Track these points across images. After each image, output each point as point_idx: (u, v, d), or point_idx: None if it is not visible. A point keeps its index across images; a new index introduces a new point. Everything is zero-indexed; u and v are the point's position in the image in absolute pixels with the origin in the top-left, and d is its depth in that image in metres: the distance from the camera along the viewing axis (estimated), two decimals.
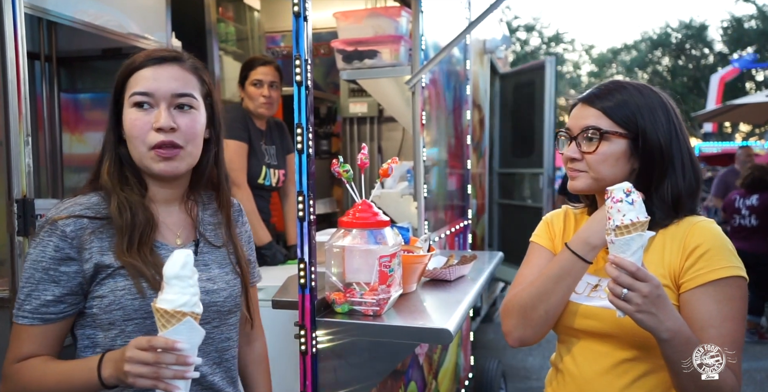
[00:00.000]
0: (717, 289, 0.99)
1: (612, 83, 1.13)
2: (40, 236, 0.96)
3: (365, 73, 2.38)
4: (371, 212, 1.32)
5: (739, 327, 0.99)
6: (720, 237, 1.04)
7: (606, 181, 1.08)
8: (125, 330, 0.97)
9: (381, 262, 1.26)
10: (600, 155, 1.07)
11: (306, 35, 1.23)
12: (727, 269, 1.00)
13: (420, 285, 1.67)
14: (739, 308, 1.00)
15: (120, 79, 1.02)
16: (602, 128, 1.07)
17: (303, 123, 1.23)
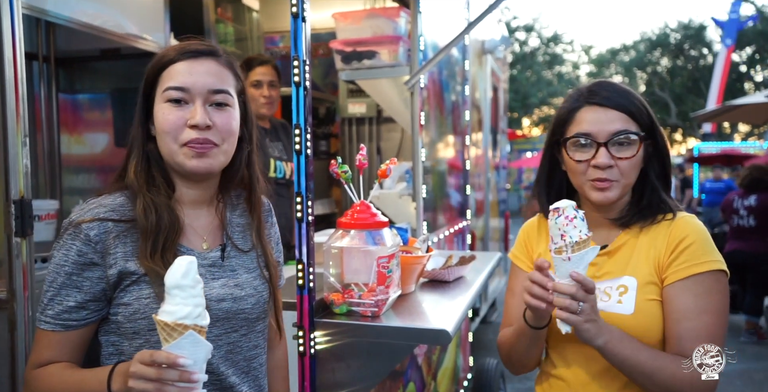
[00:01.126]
0: (696, 283, 0.99)
1: (614, 84, 1.10)
2: (63, 239, 0.92)
3: (364, 74, 2.38)
4: (370, 213, 1.32)
5: (716, 321, 0.99)
6: (702, 231, 1.05)
7: (628, 188, 1.09)
8: (150, 340, 0.93)
9: (379, 263, 1.26)
10: (629, 162, 1.05)
11: (304, 36, 1.23)
12: (707, 263, 1.00)
13: (419, 286, 1.67)
14: (718, 302, 1.00)
15: (152, 72, 0.97)
16: (637, 131, 1.06)
17: (301, 124, 1.23)
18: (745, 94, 18.65)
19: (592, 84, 1.12)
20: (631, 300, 1.03)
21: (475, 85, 3.95)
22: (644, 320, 1.02)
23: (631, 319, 1.02)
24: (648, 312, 1.02)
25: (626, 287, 1.04)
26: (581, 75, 28.07)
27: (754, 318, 4.79)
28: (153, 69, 0.98)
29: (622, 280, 1.05)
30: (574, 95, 1.12)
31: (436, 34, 2.79)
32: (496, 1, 2.12)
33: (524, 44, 25.74)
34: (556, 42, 26.01)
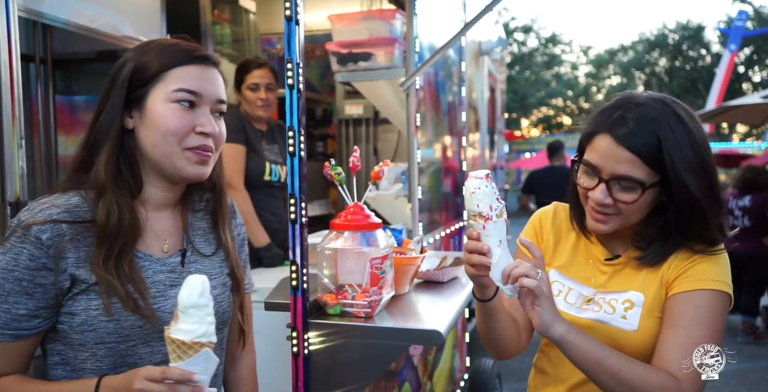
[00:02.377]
0: (700, 296, 0.97)
1: (647, 114, 0.97)
2: (11, 241, 0.85)
3: (360, 76, 2.39)
4: (363, 214, 1.33)
5: (708, 335, 0.95)
6: (720, 258, 1.01)
7: (631, 224, 1.03)
8: (96, 353, 0.89)
9: (372, 264, 1.27)
10: (635, 206, 0.99)
11: (298, 39, 1.24)
12: (715, 282, 0.98)
13: (413, 287, 1.68)
14: (715, 319, 0.96)
15: (155, 66, 0.92)
16: (642, 180, 0.96)
17: (295, 126, 1.24)
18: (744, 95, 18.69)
19: (626, 106, 1.00)
20: (635, 316, 1.01)
21: (471, 87, 3.96)
22: (649, 339, 1.00)
23: (634, 336, 1.01)
24: (654, 330, 1.00)
25: (632, 303, 1.02)
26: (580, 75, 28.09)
27: (750, 319, 4.81)
28: (156, 63, 0.92)
29: (629, 294, 1.03)
30: (606, 113, 1.02)
31: (432, 36, 2.80)
32: (492, 2, 2.13)
33: (523, 45, 25.77)
34: (555, 43, 26.04)
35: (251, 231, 2.24)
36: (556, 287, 1.10)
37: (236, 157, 2.27)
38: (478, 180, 0.96)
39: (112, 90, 0.93)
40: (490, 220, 0.95)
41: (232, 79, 2.42)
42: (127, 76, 0.93)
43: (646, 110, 0.98)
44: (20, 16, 1.59)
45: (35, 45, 2.19)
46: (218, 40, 2.77)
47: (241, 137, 2.29)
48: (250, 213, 2.26)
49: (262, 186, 2.33)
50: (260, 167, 2.32)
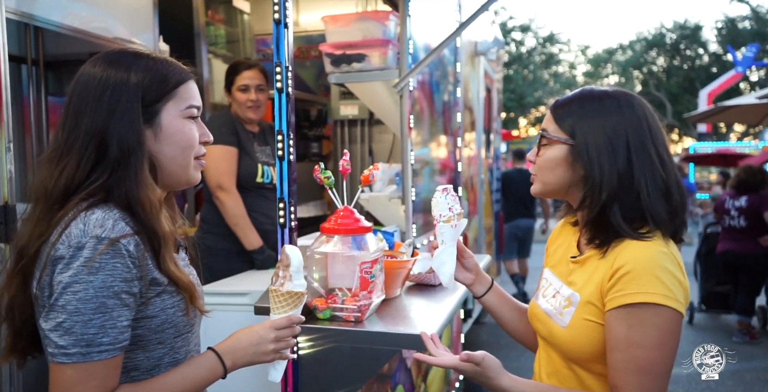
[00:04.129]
0: (630, 313, 0.94)
1: (581, 91, 1.08)
2: (99, 260, 0.85)
3: (353, 77, 2.38)
4: (353, 218, 1.33)
5: (647, 355, 0.93)
6: (646, 261, 0.96)
7: (551, 186, 1.08)
8: (174, 346, 0.97)
9: (362, 268, 1.27)
10: (542, 160, 1.07)
11: (287, 42, 1.23)
12: (643, 294, 0.93)
13: (405, 290, 1.67)
14: (657, 336, 0.93)
15: (171, 84, 0.97)
16: (548, 132, 1.06)
17: (284, 130, 1.23)
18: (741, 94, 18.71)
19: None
20: (569, 314, 1.04)
21: (467, 87, 3.96)
22: (575, 337, 1.02)
23: (563, 332, 1.04)
24: (580, 330, 1.01)
25: (570, 302, 1.05)
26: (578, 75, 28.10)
27: (746, 318, 4.82)
28: (169, 80, 0.97)
29: (570, 293, 1.06)
30: None
31: (427, 37, 2.80)
32: (486, 2, 2.13)
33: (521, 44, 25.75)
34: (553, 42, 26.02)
35: (243, 234, 2.23)
36: (542, 283, 1.17)
37: (228, 159, 2.26)
38: (437, 192, 1.21)
39: (119, 106, 0.93)
40: (438, 223, 1.19)
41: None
42: (137, 92, 0.95)
43: (586, 90, 1.08)
44: (12, 19, 1.58)
45: (27, 47, 2.18)
46: (212, 40, 2.76)
47: (232, 139, 2.28)
48: (242, 215, 2.25)
49: (254, 188, 2.30)
50: (252, 169, 2.30)
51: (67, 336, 0.84)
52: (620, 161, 0.99)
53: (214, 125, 2.28)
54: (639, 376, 0.93)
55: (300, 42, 3.59)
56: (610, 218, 1.00)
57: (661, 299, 0.93)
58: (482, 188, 4.67)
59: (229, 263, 2.23)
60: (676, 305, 0.93)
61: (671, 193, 1.00)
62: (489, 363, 1.02)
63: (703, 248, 5.39)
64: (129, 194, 0.92)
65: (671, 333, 0.94)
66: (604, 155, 1.00)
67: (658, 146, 1.01)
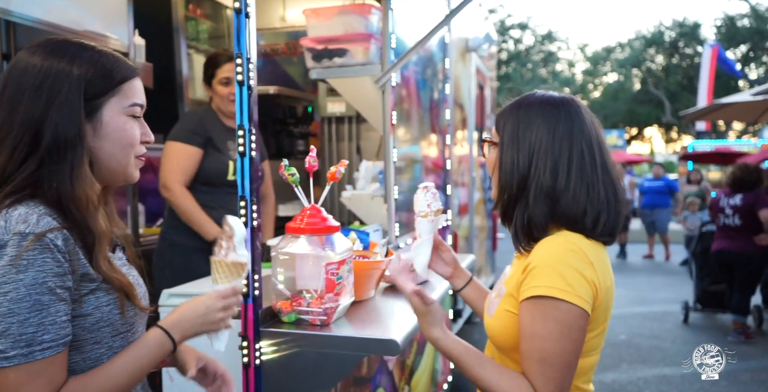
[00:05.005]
0: (535, 306, 0.99)
1: (522, 95, 1.12)
2: (25, 257, 0.82)
3: (335, 73, 2.33)
4: (320, 217, 1.27)
5: (548, 346, 0.97)
6: (553, 256, 1.00)
7: (500, 189, 1.10)
8: (112, 346, 0.93)
9: (328, 269, 1.21)
10: (491, 163, 1.13)
11: (248, 32, 1.17)
12: (543, 288, 0.98)
13: (380, 291, 1.62)
14: (556, 329, 0.96)
15: (116, 79, 0.95)
16: (488, 138, 1.15)
17: (245, 125, 1.18)
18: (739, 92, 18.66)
19: None
20: (496, 304, 1.10)
21: (458, 84, 3.90)
22: (498, 325, 1.09)
23: (490, 321, 1.11)
24: (502, 319, 1.07)
25: (498, 293, 1.12)
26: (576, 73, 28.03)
27: (740, 318, 4.76)
28: (113, 76, 0.94)
29: (501, 285, 1.13)
30: None
31: (413, 32, 2.74)
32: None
33: (519, 42, 25.67)
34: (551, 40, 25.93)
35: (198, 227, 2.15)
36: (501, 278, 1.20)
37: (178, 156, 2.16)
38: (419, 190, 1.30)
39: (59, 97, 0.90)
40: (417, 218, 1.27)
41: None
42: (80, 84, 0.91)
43: (525, 96, 1.11)
44: None
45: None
46: (192, 36, 2.70)
47: (193, 138, 2.18)
48: (192, 210, 2.14)
49: (224, 185, 2.20)
50: (222, 166, 2.21)
51: (3, 339, 0.80)
52: (521, 166, 1.05)
53: (182, 122, 2.27)
54: (541, 365, 0.97)
55: (287, 38, 3.53)
56: (514, 220, 1.07)
57: (559, 293, 0.96)
58: (474, 186, 4.62)
59: (190, 259, 2.16)
60: (576, 300, 0.96)
61: (558, 199, 1.03)
62: (436, 309, 1.07)
63: (698, 247, 5.34)
64: (61, 189, 0.88)
65: (570, 327, 0.97)
66: (508, 158, 1.06)
67: (561, 155, 1.03)
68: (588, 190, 1.03)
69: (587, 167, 1.03)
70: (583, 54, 28.46)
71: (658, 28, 25.97)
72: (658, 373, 4.13)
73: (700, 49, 25.42)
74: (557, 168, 1.03)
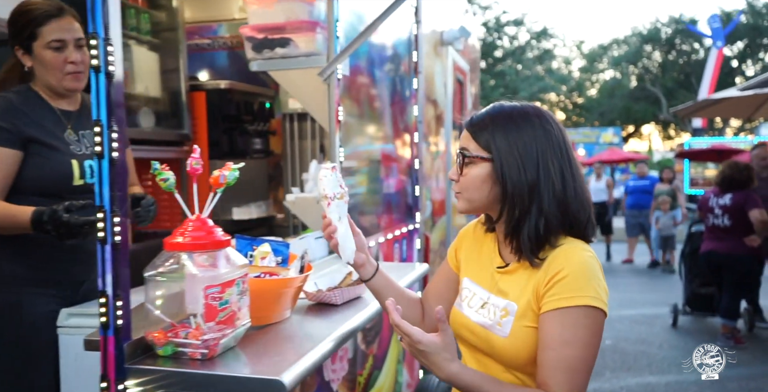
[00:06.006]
0: (565, 315, 1.00)
1: (492, 107, 1.12)
2: None
3: (276, 64, 2.13)
4: (206, 230, 1.07)
5: (578, 354, 0.99)
6: (580, 265, 1.02)
7: (478, 203, 1.09)
8: None
9: (207, 294, 1.01)
10: (467, 178, 1.09)
11: (105, 8, 0.97)
12: (577, 298, 0.99)
13: (303, 309, 1.42)
14: (584, 336, 0.99)
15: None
16: (469, 150, 1.08)
17: (103, 120, 0.97)
18: None
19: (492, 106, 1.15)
20: (508, 324, 1.06)
21: (430, 79, 3.69)
22: (517, 344, 1.05)
23: (505, 342, 1.06)
24: (522, 337, 1.05)
25: (507, 312, 1.07)
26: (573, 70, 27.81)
27: (730, 322, 4.57)
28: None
29: (506, 303, 1.08)
30: None
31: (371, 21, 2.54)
32: None
33: (514, 39, 25.42)
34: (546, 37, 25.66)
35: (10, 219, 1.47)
36: (464, 293, 1.18)
37: None
38: (326, 170, 1.19)
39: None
40: (333, 201, 1.18)
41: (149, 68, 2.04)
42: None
43: (497, 106, 1.10)
44: None
45: None
46: (131, 26, 2.50)
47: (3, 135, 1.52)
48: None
49: (72, 193, 1.55)
50: (62, 168, 1.58)
51: None
52: (530, 175, 1.04)
53: None
54: (568, 374, 0.98)
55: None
56: (525, 231, 1.05)
57: (592, 301, 0.99)
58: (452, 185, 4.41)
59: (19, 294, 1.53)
60: (603, 306, 1.00)
61: (568, 204, 1.05)
62: (451, 342, 1.01)
63: (688, 247, 5.16)
64: None
65: (597, 332, 1.01)
66: (514, 170, 1.04)
67: (562, 158, 1.06)
68: (583, 192, 1.08)
69: (577, 169, 1.08)
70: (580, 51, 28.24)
71: (654, 24, 25.76)
72: (642, 381, 3.95)
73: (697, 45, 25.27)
74: (563, 172, 1.05)
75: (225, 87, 2.75)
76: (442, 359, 0.99)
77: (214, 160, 2.79)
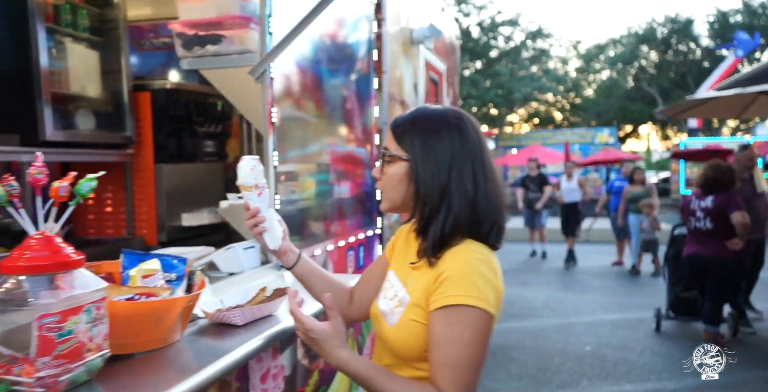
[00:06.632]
0: (450, 314, 1.02)
1: (416, 109, 1.14)
2: None
3: (208, 62, 2.00)
4: (51, 248, 0.94)
5: (463, 351, 1.00)
6: (466, 265, 1.04)
7: (397, 201, 1.13)
8: None
9: (41, 324, 0.88)
10: (387, 177, 1.12)
11: None
12: (459, 297, 1.01)
13: (203, 330, 1.29)
14: (470, 335, 1.01)
15: None
16: (389, 150, 1.12)
17: None
18: None
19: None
20: (398, 314, 1.10)
21: (397, 79, 3.56)
22: (402, 336, 1.08)
23: (392, 330, 1.10)
24: (407, 329, 1.08)
25: (401, 302, 1.11)
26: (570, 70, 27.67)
27: (712, 328, 4.43)
28: None
29: (403, 294, 1.12)
30: None
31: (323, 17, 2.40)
32: None
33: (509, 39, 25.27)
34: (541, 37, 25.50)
35: None
36: (385, 285, 1.21)
37: None
38: (255, 160, 1.22)
39: None
40: (264, 190, 1.21)
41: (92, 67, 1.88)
42: None
43: (420, 108, 1.14)
44: None
45: None
46: (67, 22, 2.36)
47: None
48: None
49: None
50: None
51: None
52: (442, 177, 1.07)
53: None
54: (454, 370, 1.00)
55: None
56: (432, 230, 1.07)
57: (474, 301, 1.01)
58: None
59: None
60: (486, 306, 1.02)
61: (478, 206, 1.07)
62: (341, 329, 1.07)
63: (671, 251, 5.03)
64: None
65: (482, 332, 1.02)
66: (428, 171, 1.07)
67: (476, 162, 1.08)
68: (497, 195, 1.10)
69: (491, 173, 1.10)
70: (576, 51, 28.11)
71: (650, 24, 25.63)
72: (619, 389, 3.82)
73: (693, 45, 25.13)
74: (475, 175, 1.07)
75: (171, 87, 2.61)
76: (332, 346, 1.04)
77: (159, 163, 2.65)
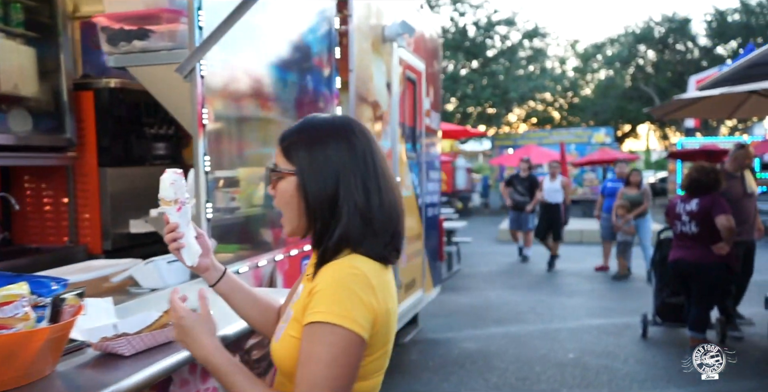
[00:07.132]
0: (313, 331, 0.98)
1: (303, 120, 1.10)
2: None
3: (135, 59, 1.85)
4: None
5: (323, 371, 0.96)
6: (336, 281, 0.99)
7: (295, 222, 1.08)
8: None
9: None
10: (278, 194, 1.08)
11: None
12: (321, 313, 0.98)
13: (83, 362, 1.15)
14: (330, 355, 0.96)
15: None
16: (277, 166, 1.08)
17: None
18: None
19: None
20: (282, 330, 1.08)
21: (366, 77, 3.42)
22: (281, 351, 1.06)
23: (275, 346, 1.08)
24: (286, 345, 1.05)
25: (287, 317, 1.09)
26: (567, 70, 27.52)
27: (698, 335, 4.28)
28: None
29: (288, 309, 1.10)
30: None
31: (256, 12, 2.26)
32: None
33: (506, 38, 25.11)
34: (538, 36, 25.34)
35: None
36: (294, 298, 1.16)
37: None
38: (177, 175, 1.16)
39: None
40: (184, 206, 1.16)
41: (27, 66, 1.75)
42: None
43: (306, 119, 1.09)
44: None
45: None
46: None
47: None
48: None
49: None
50: None
51: None
52: (329, 189, 1.03)
53: None
54: (311, 389, 0.96)
55: None
56: (325, 243, 1.03)
57: (336, 318, 0.97)
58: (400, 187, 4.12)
59: None
60: (351, 325, 0.97)
61: (371, 218, 1.03)
62: (211, 318, 1.07)
63: (657, 255, 4.89)
64: None
65: (345, 353, 0.97)
66: (314, 183, 1.03)
67: (366, 172, 1.04)
68: (393, 205, 1.06)
69: (386, 183, 1.06)
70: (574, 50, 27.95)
71: (647, 23, 25.49)
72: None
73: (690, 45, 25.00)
74: (366, 185, 1.03)
75: (116, 86, 2.47)
76: (199, 332, 1.03)
77: (104, 167, 2.51)
